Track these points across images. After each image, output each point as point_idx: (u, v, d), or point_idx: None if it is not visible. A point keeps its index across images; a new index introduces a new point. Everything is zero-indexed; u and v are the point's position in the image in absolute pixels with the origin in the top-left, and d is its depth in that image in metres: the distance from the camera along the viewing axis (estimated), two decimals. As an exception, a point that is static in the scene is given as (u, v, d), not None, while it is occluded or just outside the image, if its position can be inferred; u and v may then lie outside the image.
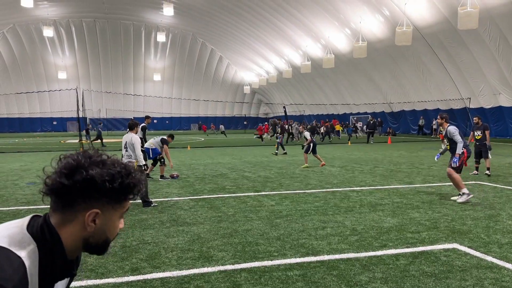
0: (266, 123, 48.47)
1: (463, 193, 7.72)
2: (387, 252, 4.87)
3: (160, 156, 11.37)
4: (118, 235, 5.62)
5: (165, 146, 11.24)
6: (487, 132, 11.88)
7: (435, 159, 9.26)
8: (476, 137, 11.98)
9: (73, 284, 3.99)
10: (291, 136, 33.31)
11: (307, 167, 13.59)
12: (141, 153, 7.75)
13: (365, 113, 45.75)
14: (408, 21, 27.65)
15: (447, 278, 4.02)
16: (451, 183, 8.27)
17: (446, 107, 35.38)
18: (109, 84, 63.90)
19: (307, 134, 14.60)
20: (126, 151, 7.65)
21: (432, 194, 8.63)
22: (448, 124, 8.23)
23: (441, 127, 8.66)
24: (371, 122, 30.88)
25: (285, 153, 19.02)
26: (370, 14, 31.72)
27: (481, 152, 11.76)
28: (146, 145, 11.35)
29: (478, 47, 27.65)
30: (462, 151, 7.92)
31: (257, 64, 58.54)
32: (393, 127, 41.39)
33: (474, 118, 12.49)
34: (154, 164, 11.57)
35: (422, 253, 4.82)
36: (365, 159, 16.70)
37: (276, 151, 19.18)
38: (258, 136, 34.56)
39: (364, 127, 36.42)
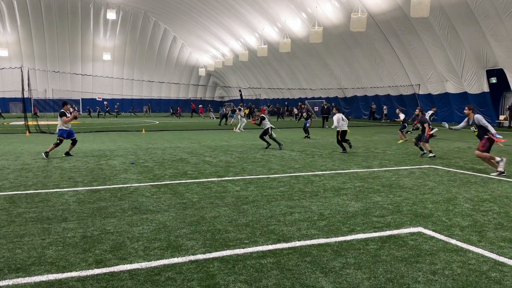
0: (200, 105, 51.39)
1: (498, 162, 9.18)
2: (356, 236, 4.92)
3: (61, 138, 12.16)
4: (77, 224, 5.27)
5: None
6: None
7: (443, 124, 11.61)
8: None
9: (33, 280, 3.69)
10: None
11: (402, 142, 17.27)
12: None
13: (320, 98, 46.49)
14: (363, 8, 28.11)
15: (418, 262, 4.10)
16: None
17: (397, 93, 36.62)
18: (55, 63, 60.52)
19: (402, 115, 18.66)
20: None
21: (390, 178, 8.86)
22: (474, 113, 9.46)
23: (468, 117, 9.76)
24: (325, 107, 31.39)
25: (308, 137, 19.08)
26: (327, -1, 31.91)
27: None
28: (58, 127, 12.33)
29: (428, 35, 28.68)
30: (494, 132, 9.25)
31: (213, 46, 57.55)
32: (346, 112, 42.39)
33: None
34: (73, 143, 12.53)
35: (390, 237, 4.91)
36: (322, 143, 16.95)
37: (308, 135, 19.39)
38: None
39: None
